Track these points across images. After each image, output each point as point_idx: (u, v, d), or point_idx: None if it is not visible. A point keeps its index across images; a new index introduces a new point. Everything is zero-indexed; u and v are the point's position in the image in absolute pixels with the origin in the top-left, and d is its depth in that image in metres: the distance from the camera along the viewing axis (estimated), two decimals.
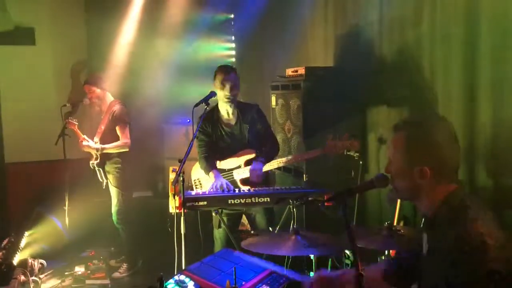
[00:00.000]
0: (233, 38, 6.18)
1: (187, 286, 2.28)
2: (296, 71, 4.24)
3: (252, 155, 3.66)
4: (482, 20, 2.99)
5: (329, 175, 3.88)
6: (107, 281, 4.54)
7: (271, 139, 3.79)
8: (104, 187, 4.82)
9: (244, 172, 3.61)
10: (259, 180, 3.56)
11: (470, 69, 3.09)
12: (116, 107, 4.73)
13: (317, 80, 4.08)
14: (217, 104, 3.74)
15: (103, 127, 4.72)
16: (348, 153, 3.69)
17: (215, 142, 3.74)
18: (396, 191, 1.87)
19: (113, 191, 4.75)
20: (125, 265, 4.79)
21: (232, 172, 3.68)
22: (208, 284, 2.33)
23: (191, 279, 2.34)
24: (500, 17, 2.87)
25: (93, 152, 4.68)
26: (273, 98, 4.53)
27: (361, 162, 3.76)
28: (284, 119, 4.37)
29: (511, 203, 2.89)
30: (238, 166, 3.67)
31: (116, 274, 4.72)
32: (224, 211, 3.66)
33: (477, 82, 3.05)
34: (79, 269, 4.63)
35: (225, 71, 3.66)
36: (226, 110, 3.70)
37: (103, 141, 4.67)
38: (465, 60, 3.13)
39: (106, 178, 4.78)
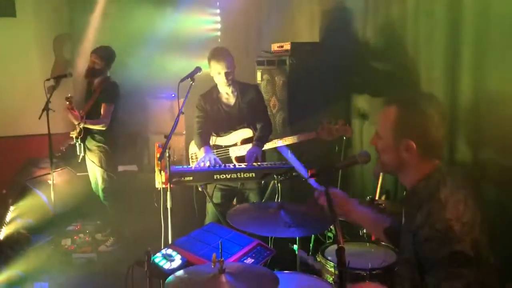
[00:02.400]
0: (218, 11, 6.11)
1: (174, 259, 2.34)
2: (282, 46, 4.24)
3: (250, 135, 3.72)
4: None
5: (314, 150, 3.93)
6: (93, 255, 4.58)
7: (266, 120, 3.82)
8: (79, 161, 4.79)
9: (240, 150, 3.67)
10: (253, 161, 3.58)
11: (452, 44, 3.14)
12: (108, 85, 4.66)
13: (303, 56, 4.09)
14: (216, 84, 3.75)
15: (91, 103, 4.65)
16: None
17: (213, 119, 3.76)
18: (382, 164, 1.92)
19: (98, 171, 4.72)
20: (111, 239, 4.83)
21: (228, 149, 3.73)
22: (194, 257, 2.39)
23: (178, 252, 2.39)
24: None
25: (78, 126, 4.63)
26: (259, 74, 4.54)
27: (344, 138, 3.82)
28: (270, 95, 4.39)
29: (490, 176, 2.98)
30: (234, 144, 3.72)
31: (103, 248, 4.76)
32: (218, 186, 3.70)
33: (459, 58, 3.09)
34: (65, 243, 4.65)
35: (218, 57, 3.63)
36: (225, 90, 3.73)
37: (89, 116, 4.61)
38: (448, 36, 3.18)
39: (84, 153, 4.73)
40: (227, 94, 3.74)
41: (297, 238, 3.02)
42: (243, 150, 3.65)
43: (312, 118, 3.87)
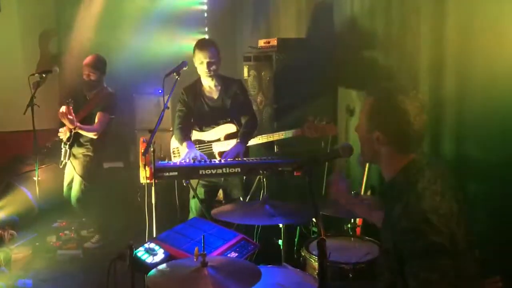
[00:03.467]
0: (205, 8, 6.08)
1: (157, 253, 2.33)
2: (268, 42, 4.24)
3: (233, 130, 3.69)
4: None
5: (300, 146, 3.93)
6: (78, 251, 4.54)
7: (250, 114, 3.79)
8: (61, 166, 4.72)
9: (223, 146, 3.64)
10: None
11: (437, 41, 3.16)
12: (106, 96, 4.58)
13: (289, 52, 4.09)
14: (199, 77, 3.71)
15: (85, 112, 4.52)
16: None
17: (196, 114, 3.73)
18: (361, 152, 1.96)
19: (77, 179, 4.62)
20: (97, 236, 4.79)
21: (211, 144, 3.71)
22: (177, 251, 2.38)
23: (161, 247, 2.38)
24: None
25: (69, 131, 4.53)
26: (245, 70, 4.53)
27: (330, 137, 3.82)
28: (256, 91, 4.38)
29: (474, 172, 3.00)
30: (217, 139, 3.70)
31: (88, 244, 4.72)
32: (200, 182, 3.68)
33: (445, 54, 3.11)
34: (51, 240, 4.61)
35: (202, 46, 3.61)
36: (208, 83, 3.69)
37: (82, 122, 4.52)
38: (433, 32, 3.19)
39: (68, 159, 4.66)
40: (209, 87, 3.71)
41: (282, 232, 3.01)
42: (227, 145, 3.62)
43: (299, 114, 3.88)
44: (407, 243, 1.67)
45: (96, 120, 4.52)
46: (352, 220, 3.12)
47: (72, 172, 4.68)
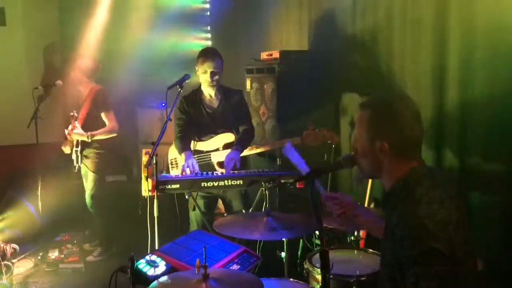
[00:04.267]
0: (208, 21, 6.12)
1: (158, 265, 2.31)
2: (271, 54, 4.25)
3: (232, 139, 3.67)
4: (451, 5, 3.06)
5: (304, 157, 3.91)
6: (80, 265, 4.51)
7: (249, 125, 3.79)
8: (76, 171, 4.76)
9: (221, 155, 3.62)
10: (229, 169, 3.53)
11: (438, 52, 3.17)
12: (99, 93, 4.64)
13: (292, 64, 4.11)
14: (200, 86, 3.72)
15: (85, 113, 4.62)
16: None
17: (196, 123, 3.72)
18: (360, 168, 1.92)
19: (90, 176, 4.69)
20: (99, 249, 4.77)
21: (209, 154, 3.69)
22: (179, 263, 2.36)
23: (163, 259, 2.37)
24: (468, 2, 2.93)
25: (77, 139, 4.58)
26: (248, 82, 4.54)
27: (333, 146, 3.81)
28: (259, 103, 4.39)
29: (476, 183, 2.98)
30: (216, 149, 3.68)
31: (90, 258, 4.70)
32: (200, 194, 3.67)
33: (446, 65, 3.12)
34: (53, 253, 4.59)
35: (206, 56, 3.62)
36: (208, 93, 3.70)
37: (85, 127, 4.57)
38: (434, 44, 3.21)
39: (82, 162, 4.70)
40: (210, 96, 3.71)
41: (285, 245, 2.99)
42: (225, 155, 3.59)
43: (302, 126, 3.86)
44: (405, 250, 1.65)
45: (107, 121, 4.63)
46: (356, 233, 3.09)
47: (86, 174, 4.72)
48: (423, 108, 2.92)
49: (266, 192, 3.28)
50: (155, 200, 3.13)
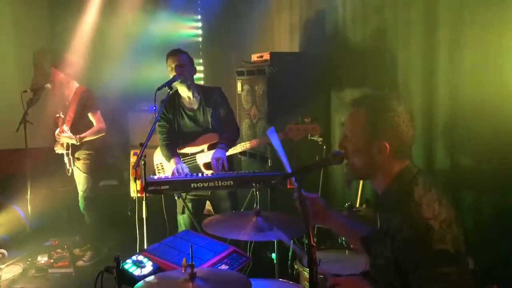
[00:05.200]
0: (199, 25, 6.12)
1: (145, 266, 2.27)
2: (262, 56, 4.24)
3: (216, 139, 3.62)
4: (441, 7, 3.06)
5: (293, 160, 3.88)
6: (70, 270, 4.45)
7: (232, 123, 3.76)
8: (69, 174, 4.72)
9: (207, 156, 3.58)
10: (220, 169, 3.48)
11: (429, 52, 3.16)
12: (84, 94, 4.63)
13: (282, 65, 4.08)
14: (177, 90, 3.69)
15: (72, 115, 4.59)
16: (312, 138, 3.71)
17: (177, 127, 3.70)
18: (352, 168, 1.84)
19: (82, 178, 4.65)
20: (89, 253, 4.72)
21: (195, 156, 3.65)
22: (166, 264, 2.32)
23: (149, 259, 2.33)
24: (457, 5, 2.93)
25: (66, 142, 4.55)
26: (239, 84, 4.52)
27: (324, 147, 3.78)
28: (250, 105, 4.37)
29: (467, 183, 2.97)
30: (201, 150, 3.64)
31: (80, 263, 4.65)
32: (188, 196, 3.63)
33: (436, 66, 3.12)
34: (42, 258, 4.53)
35: (173, 54, 3.66)
36: (186, 93, 3.67)
37: (74, 129, 4.55)
38: (424, 44, 3.20)
39: (74, 165, 4.67)
40: (188, 98, 3.68)
41: (276, 246, 2.96)
42: (211, 156, 3.55)
43: None
44: (410, 254, 1.60)
45: (94, 121, 4.63)
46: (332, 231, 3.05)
47: (79, 176, 4.69)
48: (413, 109, 2.91)
49: (257, 193, 3.25)
50: (144, 202, 3.08)
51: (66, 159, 4.61)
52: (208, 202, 3.92)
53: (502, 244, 2.77)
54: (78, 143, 4.49)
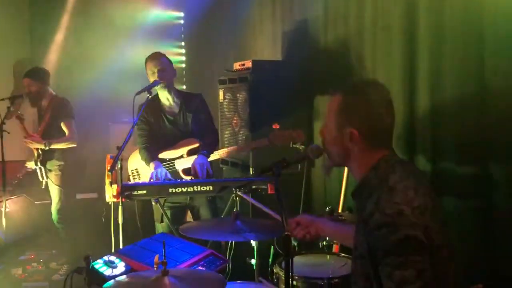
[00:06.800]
0: (182, 36, 6.11)
1: (116, 266, 2.18)
2: (244, 64, 4.21)
3: (196, 145, 3.56)
4: (420, 12, 3.07)
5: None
6: (45, 283, 4.33)
7: (212, 128, 3.73)
8: (43, 187, 4.62)
9: (186, 162, 3.51)
10: (204, 175, 3.44)
11: (409, 58, 3.16)
12: (59, 102, 4.57)
13: (264, 73, 4.06)
14: (157, 94, 3.64)
15: (44, 124, 4.53)
16: (294, 145, 3.67)
17: (157, 131, 3.64)
18: (329, 156, 1.84)
19: (55, 190, 4.57)
20: (65, 267, 4.58)
21: (174, 162, 3.57)
22: (140, 265, 2.24)
23: (122, 260, 2.24)
24: (437, 9, 2.95)
25: (36, 150, 4.49)
26: (221, 93, 4.48)
27: (299, 147, 3.74)
28: (232, 113, 4.32)
29: (449, 187, 2.94)
30: (180, 156, 3.57)
31: (56, 276, 4.51)
32: (166, 203, 3.55)
33: (416, 71, 3.11)
34: (16, 272, 4.39)
35: (149, 58, 3.63)
36: (166, 97, 3.62)
37: (45, 138, 4.48)
38: (404, 50, 3.20)
39: (47, 177, 4.58)
40: (169, 102, 3.64)
41: (255, 251, 2.88)
42: (191, 161, 3.48)
43: None
44: (381, 240, 1.55)
45: (65, 130, 4.52)
46: (328, 238, 2.99)
47: (52, 189, 4.59)
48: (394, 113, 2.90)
49: (237, 198, 3.18)
50: (120, 207, 2.99)
51: (38, 170, 4.52)
52: (189, 214, 3.84)
53: (484, 248, 2.72)
54: (47, 148, 4.39)
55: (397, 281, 1.51)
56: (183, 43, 6.18)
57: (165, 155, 3.60)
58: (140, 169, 3.67)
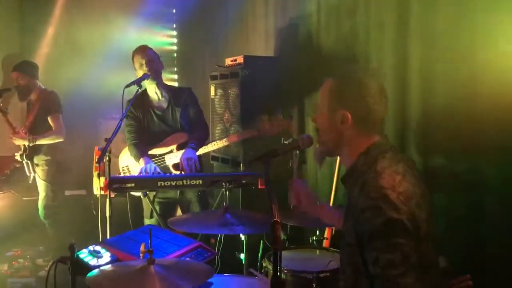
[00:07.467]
0: (174, 33, 6.08)
1: (102, 256, 2.14)
2: (235, 60, 4.19)
3: (185, 139, 3.53)
4: (413, 9, 3.06)
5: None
6: (31, 279, 4.26)
7: (202, 122, 3.70)
8: (30, 182, 4.56)
9: (176, 157, 3.47)
10: (193, 170, 3.40)
11: (401, 55, 3.15)
12: (47, 96, 4.51)
13: (256, 69, 4.03)
14: (145, 89, 3.61)
15: (31, 118, 4.47)
16: (285, 142, 3.65)
17: (146, 127, 3.60)
18: (321, 143, 1.83)
19: (41, 185, 4.51)
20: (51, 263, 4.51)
21: (163, 157, 3.54)
22: (126, 255, 2.20)
23: (107, 250, 2.19)
24: (429, 6, 2.94)
25: (22, 145, 4.43)
26: (212, 88, 4.45)
27: (297, 152, 3.72)
28: (223, 109, 4.28)
29: (440, 185, 2.93)
30: (170, 151, 3.53)
31: (43, 273, 4.44)
32: (156, 199, 3.51)
33: (408, 68, 3.10)
34: (1, 268, 4.33)
35: (141, 50, 3.60)
36: (155, 92, 3.59)
37: (32, 132, 4.43)
38: (397, 47, 3.19)
39: (34, 172, 4.52)
40: (158, 97, 3.60)
41: (244, 245, 2.84)
42: (180, 156, 3.45)
43: None
44: (365, 223, 1.54)
45: (52, 125, 4.45)
46: (318, 233, 2.97)
47: (40, 184, 4.54)
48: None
49: (227, 192, 3.14)
50: (107, 199, 2.94)
51: (24, 164, 4.47)
52: (179, 210, 3.79)
53: (475, 244, 2.71)
54: (31, 144, 4.33)
55: (382, 265, 1.50)
56: (175, 40, 6.14)
57: (154, 151, 3.57)
58: (130, 166, 3.63)
